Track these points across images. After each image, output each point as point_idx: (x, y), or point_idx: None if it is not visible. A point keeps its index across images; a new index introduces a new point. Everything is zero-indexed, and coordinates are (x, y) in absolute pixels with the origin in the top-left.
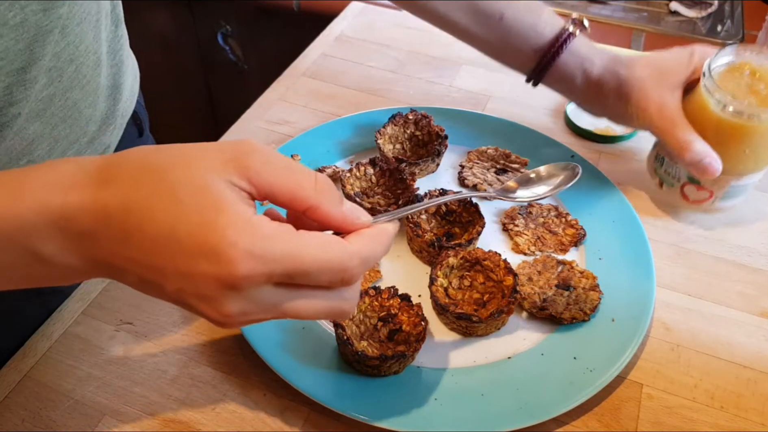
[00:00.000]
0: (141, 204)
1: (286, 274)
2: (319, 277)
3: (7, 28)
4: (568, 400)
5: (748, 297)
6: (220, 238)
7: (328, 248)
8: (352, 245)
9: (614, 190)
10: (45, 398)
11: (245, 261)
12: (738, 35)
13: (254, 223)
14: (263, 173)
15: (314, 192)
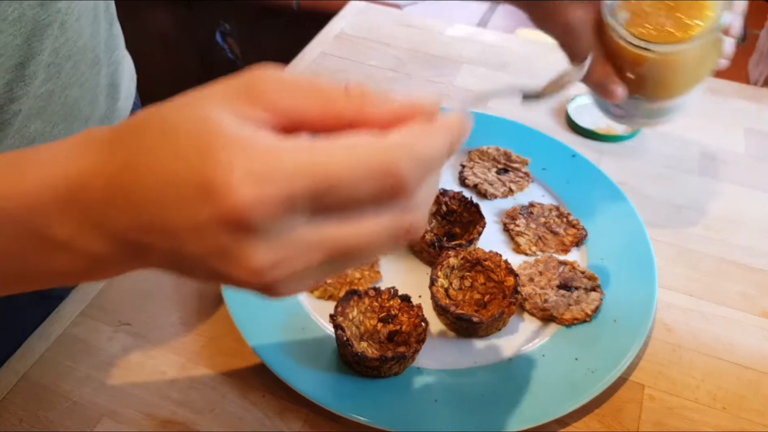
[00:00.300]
0: (140, 157)
1: (312, 195)
2: (357, 189)
3: (6, 23)
4: (569, 401)
5: (750, 297)
6: (214, 169)
7: (358, 148)
8: (397, 135)
9: (616, 189)
10: (43, 399)
11: (248, 186)
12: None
13: (256, 142)
14: (281, 96)
15: (347, 102)
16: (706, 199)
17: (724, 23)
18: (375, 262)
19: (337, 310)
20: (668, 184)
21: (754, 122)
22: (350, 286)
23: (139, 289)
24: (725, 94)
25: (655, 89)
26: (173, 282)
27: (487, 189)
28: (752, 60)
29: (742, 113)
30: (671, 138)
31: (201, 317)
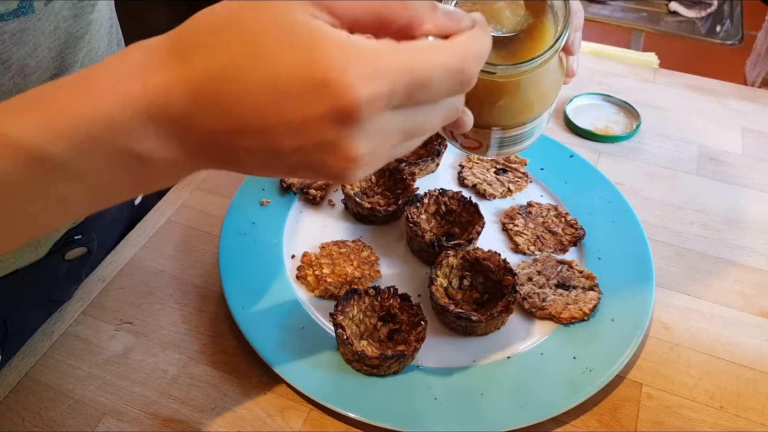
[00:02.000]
0: (228, 67)
1: (407, 91)
2: (441, 84)
3: (44, 37)
4: (567, 399)
5: (748, 297)
6: (327, 69)
7: (439, 50)
8: (461, 43)
9: (614, 189)
10: (45, 398)
11: (363, 84)
12: (737, 35)
13: (357, 43)
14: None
15: (402, 9)
16: (704, 199)
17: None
18: (375, 261)
19: (338, 309)
20: (666, 184)
21: (752, 122)
22: (350, 286)
23: (140, 288)
24: (723, 94)
25: (504, 115)
26: (174, 281)
27: (486, 189)
28: (749, 61)
29: (740, 114)
30: (669, 138)
31: (202, 316)
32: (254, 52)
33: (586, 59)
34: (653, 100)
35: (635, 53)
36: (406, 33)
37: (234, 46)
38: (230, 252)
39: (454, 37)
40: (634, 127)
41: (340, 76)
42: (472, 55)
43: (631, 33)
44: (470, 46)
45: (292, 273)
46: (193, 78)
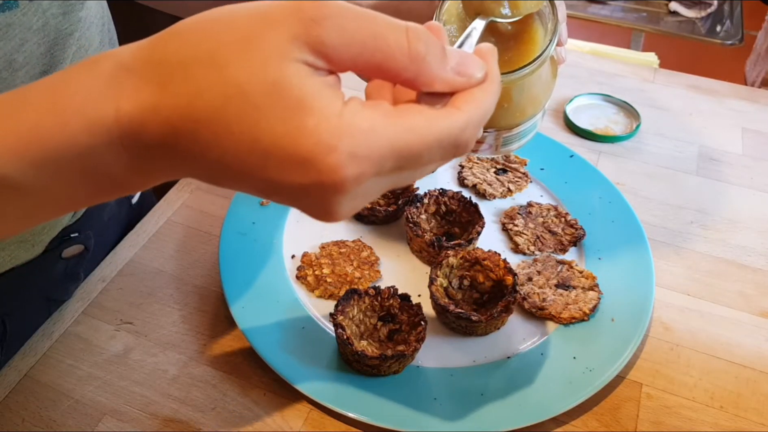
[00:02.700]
0: (210, 114)
1: (396, 166)
2: (432, 157)
3: (31, 32)
4: (567, 399)
5: (748, 297)
6: (314, 145)
7: (436, 126)
8: (462, 113)
9: (613, 189)
10: (45, 398)
11: (350, 165)
12: (737, 35)
13: (348, 119)
14: (341, 48)
15: (408, 61)
16: (704, 199)
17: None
18: (375, 261)
19: (338, 309)
20: (666, 184)
21: (752, 122)
22: (350, 285)
23: (140, 288)
24: (723, 94)
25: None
26: (174, 281)
27: (485, 189)
28: (749, 61)
29: (740, 114)
30: (669, 138)
31: (202, 316)
32: (240, 108)
33: (586, 59)
34: (653, 100)
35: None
36: (409, 86)
37: (218, 93)
38: (230, 252)
39: (461, 101)
40: (634, 127)
41: (325, 156)
42: (475, 123)
43: (631, 33)
44: (475, 114)
45: (292, 273)
46: (170, 113)
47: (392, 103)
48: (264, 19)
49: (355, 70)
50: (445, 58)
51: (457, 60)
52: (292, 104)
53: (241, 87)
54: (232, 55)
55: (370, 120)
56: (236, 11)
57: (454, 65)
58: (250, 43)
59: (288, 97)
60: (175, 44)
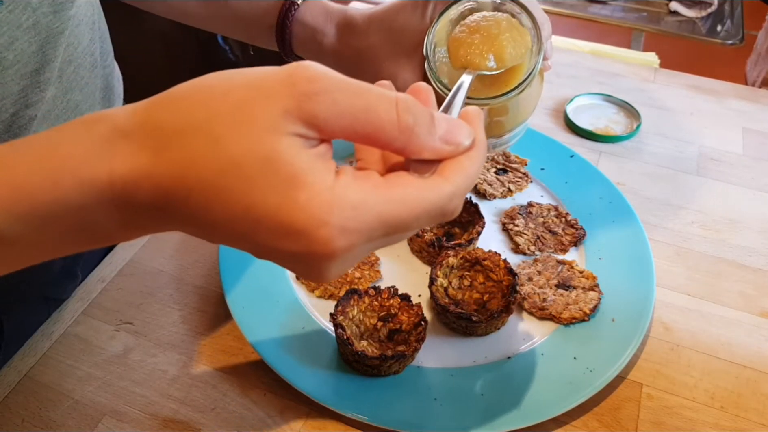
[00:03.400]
0: (203, 184)
1: (385, 234)
2: (419, 225)
3: (21, 31)
4: (567, 400)
5: (748, 297)
6: (306, 219)
7: (424, 198)
8: (449, 184)
9: (614, 189)
10: (45, 398)
11: (341, 237)
12: (738, 35)
13: (339, 193)
14: (332, 120)
15: (397, 132)
16: (705, 199)
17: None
18: (375, 261)
19: (338, 309)
20: (666, 184)
21: (752, 122)
22: (350, 285)
23: (140, 289)
24: (723, 94)
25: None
26: (174, 281)
27: (486, 189)
28: (750, 61)
29: (740, 114)
30: (669, 138)
31: (202, 316)
32: (233, 179)
33: (587, 59)
34: (654, 100)
35: (635, 53)
36: (399, 154)
37: (212, 163)
38: (230, 252)
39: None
40: (635, 127)
41: (317, 229)
42: (462, 192)
43: (631, 33)
44: (462, 184)
45: (292, 273)
46: (163, 179)
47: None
48: (258, 90)
49: (346, 139)
50: (433, 127)
51: (445, 128)
52: (284, 178)
53: (235, 160)
54: (226, 127)
55: (361, 193)
56: (232, 80)
57: (443, 134)
58: (243, 115)
59: (281, 172)
60: (170, 111)
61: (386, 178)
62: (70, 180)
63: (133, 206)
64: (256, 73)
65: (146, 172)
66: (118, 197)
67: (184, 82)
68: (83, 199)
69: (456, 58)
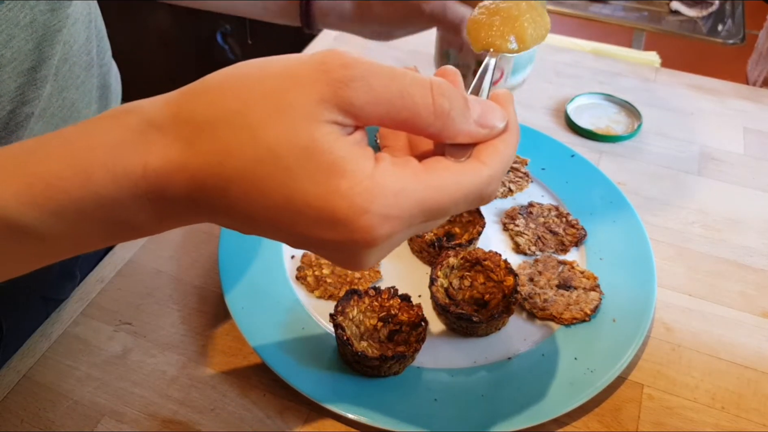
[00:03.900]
0: (241, 174)
1: (425, 219)
2: (457, 210)
3: (18, 28)
4: (568, 400)
5: (749, 297)
6: (348, 208)
7: (463, 183)
8: (487, 168)
9: (615, 189)
10: (44, 399)
11: (382, 225)
12: (739, 35)
13: (380, 181)
14: (368, 107)
15: (433, 117)
16: (706, 199)
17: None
18: None
19: (338, 310)
20: (667, 184)
21: (754, 122)
22: (350, 286)
23: (139, 289)
24: (724, 94)
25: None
26: (173, 281)
27: None
28: (751, 60)
29: (742, 113)
30: (670, 138)
31: (201, 317)
32: (272, 169)
33: (588, 58)
34: (654, 100)
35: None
36: (434, 139)
37: (249, 154)
38: (230, 252)
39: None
40: (636, 126)
41: (359, 217)
42: (499, 176)
43: (632, 32)
44: (499, 167)
45: (291, 273)
46: (198, 171)
47: (407, 146)
48: (292, 79)
49: (381, 125)
50: (467, 110)
51: (479, 112)
52: (324, 167)
53: (273, 149)
54: (261, 117)
55: (401, 181)
56: (264, 69)
57: (477, 117)
58: (279, 104)
59: (320, 161)
60: (202, 102)
61: (424, 164)
62: (103, 173)
63: (168, 199)
64: (289, 61)
65: (181, 164)
66: (152, 190)
67: (215, 72)
68: (117, 192)
69: (477, 41)
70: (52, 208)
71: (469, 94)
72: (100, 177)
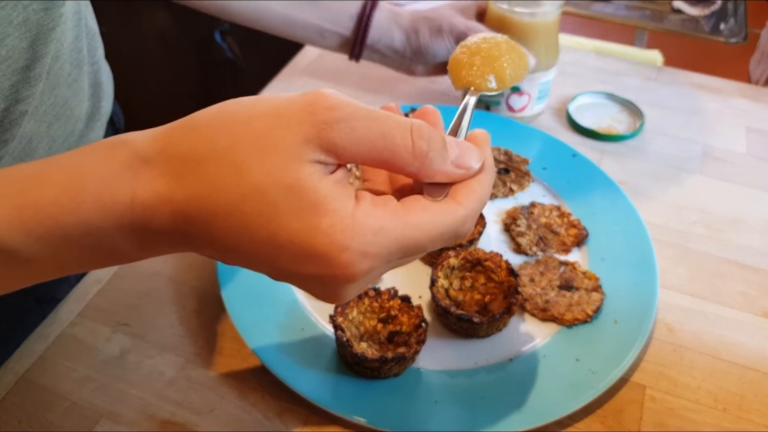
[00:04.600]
0: (226, 208)
1: (402, 256)
2: (434, 247)
3: (12, 27)
4: (570, 402)
5: (751, 297)
6: (329, 245)
7: (439, 223)
8: (462, 208)
9: (617, 189)
10: (42, 400)
11: (362, 261)
12: (741, 33)
13: (360, 220)
14: (350, 148)
15: (412, 159)
16: (708, 199)
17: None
18: None
19: (337, 311)
20: (669, 184)
21: (756, 121)
22: None
23: (137, 290)
24: (726, 93)
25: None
26: (171, 282)
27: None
28: (753, 59)
29: (744, 112)
30: (672, 137)
31: (199, 318)
32: (257, 205)
33: (589, 57)
34: (657, 99)
35: (639, 51)
36: (413, 177)
37: (235, 190)
38: None
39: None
40: (638, 125)
41: (339, 254)
42: (474, 215)
43: (634, 31)
44: (475, 207)
45: None
46: (185, 205)
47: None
48: (279, 119)
49: (363, 164)
50: (445, 152)
51: (456, 153)
52: (307, 205)
53: (258, 186)
54: (248, 155)
55: (380, 220)
56: (252, 108)
57: (455, 158)
58: (265, 142)
59: (303, 199)
60: (191, 138)
61: (403, 203)
62: (92, 203)
63: (152, 230)
64: (278, 101)
65: (167, 197)
66: (138, 221)
67: (204, 109)
68: (103, 221)
69: (458, 79)
70: (40, 233)
71: (449, 130)
72: (88, 206)
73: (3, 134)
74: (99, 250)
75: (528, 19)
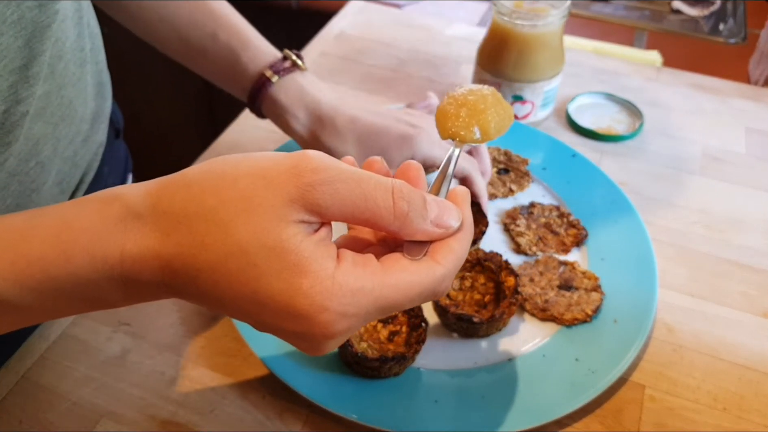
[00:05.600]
0: (212, 266)
1: (380, 314)
2: (411, 305)
3: (6, 26)
4: (569, 402)
5: (751, 298)
6: (309, 305)
7: (417, 282)
8: (441, 267)
9: (616, 189)
10: (42, 400)
11: (340, 321)
12: (740, 34)
13: (340, 281)
14: (333, 209)
15: (393, 218)
16: (707, 199)
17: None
18: None
19: None
20: (669, 184)
21: (755, 122)
22: None
23: None
24: (726, 93)
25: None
26: None
27: (487, 189)
28: (753, 60)
29: (743, 113)
30: (672, 138)
31: (200, 317)
32: (240, 264)
33: (589, 57)
34: (656, 99)
35: (638, 51)
36: (394, 235)
37: (220, 248)
38: None
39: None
40: (637, 126)
41: (318, 314)
42: (452, 274)
43: (633, 31)
44: (452, 266)
45: None
46: (172, 260)
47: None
48: (264, 180)
49: (346, 222)
50: (425, 211)
51: (436, 212)
52: (289, 266)
53: (242, 246)
54: (234, 215)
55: (359, 280)
56: (238, 167)
57: (434, 218)
58: (250, 203)
59: (285, 260)
60: (181, 196)
61: (383, 263)
62: (82, 256)
63: (141, 282)
64: (264, 162)
65: (156, 252)
66: (127, 275)
67: (193, 166)
68: (93, 274)
69: (444, 130)
70: (32, 285)
71: (435, 179)
72: (79, 260)
73: (6, 136)
74: (89, 299)
75: (532, 30)
